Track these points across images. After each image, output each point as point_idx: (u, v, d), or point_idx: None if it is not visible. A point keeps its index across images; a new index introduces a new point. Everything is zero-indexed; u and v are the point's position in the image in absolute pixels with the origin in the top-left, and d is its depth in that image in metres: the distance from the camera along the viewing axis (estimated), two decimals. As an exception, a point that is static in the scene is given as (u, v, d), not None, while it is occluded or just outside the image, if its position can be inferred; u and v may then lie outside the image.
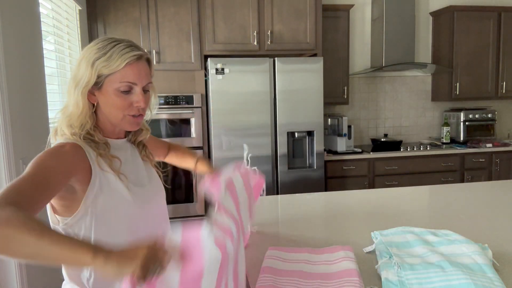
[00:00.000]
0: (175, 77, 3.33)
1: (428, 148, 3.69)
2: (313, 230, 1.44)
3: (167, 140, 3.05)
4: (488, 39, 3.87)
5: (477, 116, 3.94)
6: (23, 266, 1.57)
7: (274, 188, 3.19)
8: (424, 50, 4.14)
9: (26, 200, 0.74)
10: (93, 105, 0.98)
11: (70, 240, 0.69)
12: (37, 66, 1.85)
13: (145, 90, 1.00)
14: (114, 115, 0.98)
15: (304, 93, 3.14)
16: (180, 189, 3.22)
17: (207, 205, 3.23)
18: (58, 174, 0.83)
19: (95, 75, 0.93)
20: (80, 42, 2.78)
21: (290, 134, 3.20)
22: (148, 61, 1.02)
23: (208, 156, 3.25)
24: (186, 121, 3.18)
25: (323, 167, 3.29)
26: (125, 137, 1.10)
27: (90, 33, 3.04)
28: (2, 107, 1.48)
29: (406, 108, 4.20)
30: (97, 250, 0.67)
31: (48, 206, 0.93)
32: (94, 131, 0.97)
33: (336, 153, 3.54)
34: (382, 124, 4.17)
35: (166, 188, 1.17)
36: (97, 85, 0.95)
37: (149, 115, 1.09)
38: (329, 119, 3.70)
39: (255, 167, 1.21)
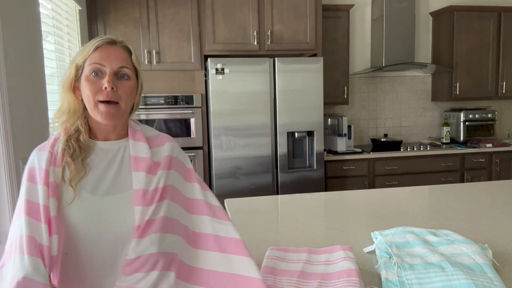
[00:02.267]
0: (175, 77, 3.34)
1: (428, 148, 3.69)
2: (313, 230, 1.44)
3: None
4: (488, 39, 3.87)
5: (477, 116, 3.94)
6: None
7: (274, 188, 3.19)
8: (424, 50, 4.14)
9: None
10: (82, 102, 0.95)
11: None
12: (37, 66, 1.85)
13: (121, 76, 0.94)
14: (88, 104, 0.93)
15: (304, 93, 3.14)
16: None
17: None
18: None
19: (73, 67, 0.94)
20: (80, 42, 2.78)
21: (290, 134, 3.20)
22: (128, 50, 0.97)
23: (208, 156, 3.25)
24: (186, 121, 3.18)
25: (323, 167, 3.29)
26: (120, 139, 1.00)
27: (90, 33, 3.04)
28: (2, 107, 1.48)
29: (406, 108, 4.20)
30: None
31: None
32: (83, 130, 0.95)
33: (336, 153, 3.54)
34: (382, 124, 4.17)
35: None
36: (77, 77, 0.95)
37: (131, 110, 1.01)
38: (329, 119, 3.70)
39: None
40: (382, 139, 3.84)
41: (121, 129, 1.00)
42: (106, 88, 0.90)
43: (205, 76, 3.22)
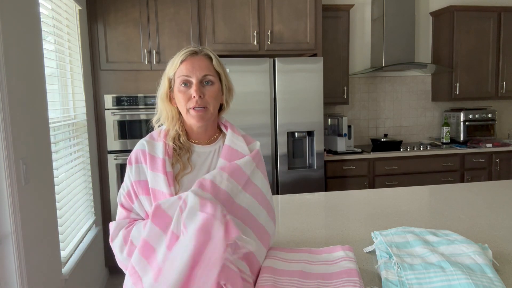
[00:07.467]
0: (175, 77, 3.33)
1: (428, 148, 3.69)
2: (313, 230, 1.44)
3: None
4: (488, 39, 3.87)
5: (477, 116, 3.94)
6: (23, 266, 1.57)
7: (274, 188, 3.19)
8: (424, 50, 4.14)
9: None
10: (177, 108, 1.10)
11: None
12: (37, 66, 1.85)
13: (206, 83, 1.06)
14: (182, 112, 1.07)
15: (304, 93, 3.14)
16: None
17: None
18: None
19: (166, 80, 1.10)
20: (80, 42, 2.78)
21: (290, 134, 3.20)
22: (209, 57, 1.09)
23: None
24: (186, 121, 3.18)
25: (323, 167, 3.29)
26: (211, 143, 1.13)
27: (90, 33, 3.04)
28: (2, 107, 1.48)
29: (406, 108, 4.21)
30: None
31: None
32: (181, 132, 1.09)
33: (336, 153, 3.54)
34: (382, 124, 4.17)
35: None
36: (171, 88, 1.09)
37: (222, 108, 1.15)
38: (329, 119, 3.70)
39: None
40: (382, 139, 3.84)
41: (211, 130, 1.15)
42: (194, 96, 1.04)
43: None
